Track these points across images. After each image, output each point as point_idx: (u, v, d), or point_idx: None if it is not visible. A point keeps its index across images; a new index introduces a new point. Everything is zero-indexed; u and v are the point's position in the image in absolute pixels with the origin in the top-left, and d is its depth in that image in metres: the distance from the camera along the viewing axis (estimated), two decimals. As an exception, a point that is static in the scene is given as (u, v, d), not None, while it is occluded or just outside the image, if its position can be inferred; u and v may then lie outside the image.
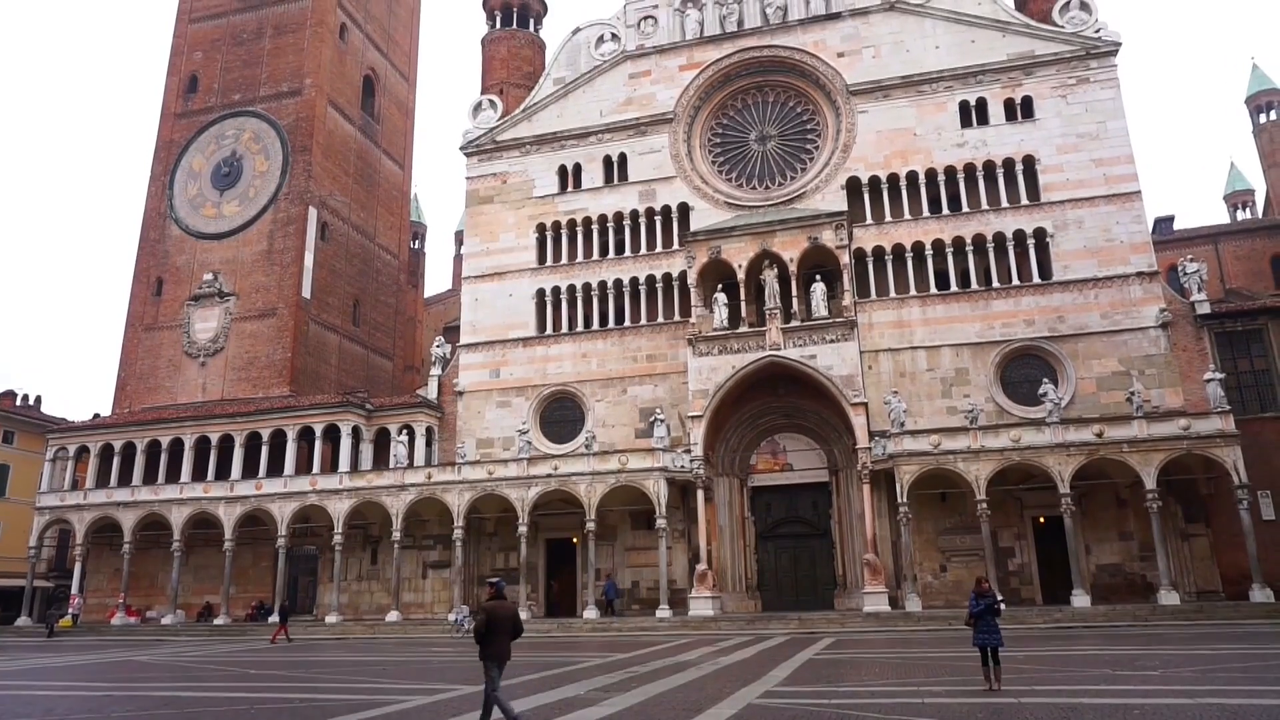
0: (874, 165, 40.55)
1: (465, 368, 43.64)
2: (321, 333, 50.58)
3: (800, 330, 36.32)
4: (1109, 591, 33.38)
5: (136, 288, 52.01)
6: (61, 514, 44.27)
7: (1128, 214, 37.28)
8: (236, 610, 41.93)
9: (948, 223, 39.11)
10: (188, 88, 55.18)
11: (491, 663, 11.00)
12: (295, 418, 42.36)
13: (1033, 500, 34.83)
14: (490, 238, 45.01)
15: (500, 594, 11.56)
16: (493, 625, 11.06)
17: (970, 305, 37.93)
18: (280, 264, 49.25)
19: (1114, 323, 36.26)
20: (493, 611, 11.15)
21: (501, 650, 11.11)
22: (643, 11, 45.91)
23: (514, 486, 37.72)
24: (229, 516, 41.17)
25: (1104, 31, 39.30)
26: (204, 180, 52.33)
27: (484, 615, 11.13)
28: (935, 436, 34.01)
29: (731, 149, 43.78)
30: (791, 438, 39.08)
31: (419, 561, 41.40)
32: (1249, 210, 69.38)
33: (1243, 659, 17.72)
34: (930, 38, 41.45)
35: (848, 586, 36.34)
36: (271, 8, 54.89)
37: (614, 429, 40.49)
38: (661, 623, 33.66)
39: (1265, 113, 66.04)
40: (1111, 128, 38.22)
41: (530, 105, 46.28)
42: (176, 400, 48.23)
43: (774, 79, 43.73)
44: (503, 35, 50.22)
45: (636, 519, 38.71)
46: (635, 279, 42.26)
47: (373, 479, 40.22)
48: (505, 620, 11.18)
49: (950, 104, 40.48)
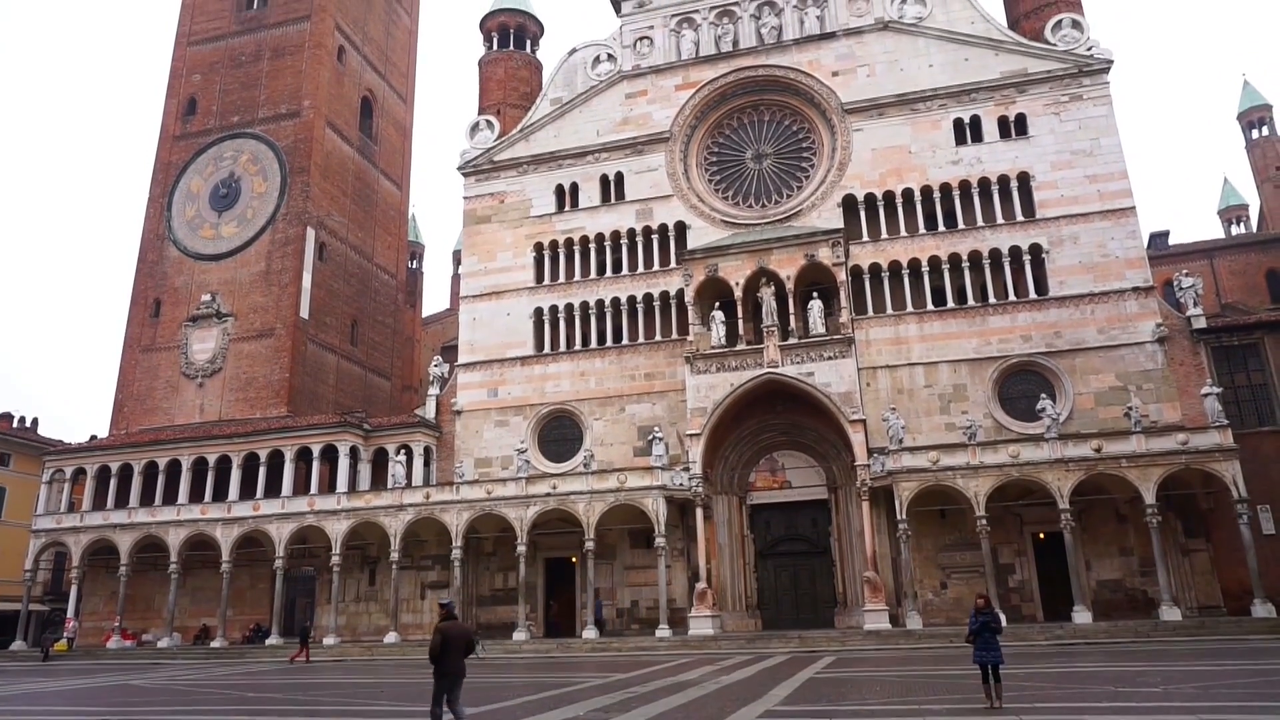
0: (870, 183, 40.76)
1: (463, 387, 43.63)
2: (319, 353, 50.59)
3: (798, 348, 36.38)
4: (1110, 607, 33.25)
5: (134, 309, 52.06)
6: (58, 536, 44.06)
7: (1122, 229, 37.45)
8: (233, 633, 41.67)
9: (944, 239, 39.27)
10: (186, 110, 55.46)
11: (445, 680, 11.87)
12: (293, 438, 42.28)
13: (1032, 516, 34.76)
14: (488, 257, 45.13)
15: (452, 614, 12.56)
16: (447, 644, 11.93)
17: (967, 321, 38.02)
18: (278, 284, 49.33)
19: (1111, 338, 36.34)
20: (446, 631, 12.03)
21: (456, 667, 12.00)
22: (639, 32, 46.29)
23: (512, 506, 37.61)
24: (226, 538, 41.00)
25: (1096, 50, 39.64)
26: (202, 202, 52.49)
27: (439, 635, 12.01)
28: (934, 453, 33.98)
29: (728, 167, 44.01)
30: (790, 455, 39.04)
31: (417, 582, 41.19)
32: (1243, 225, 69.80)
33: (1245, 675, 17.64)
34: (924, 56, 41.79)
35: (848, 604, 36.19)
36: (270, 30, 55.28)
37: (612, 447, 40.43)
38: (661, 642, 33.47)
39: (1257, 128, 66.63)
40: (1105, 144, 38.46)
41: (527, 125, 46.54)
42: (174, 421, 48.15)
43: (769, 98, 44.04)
44: (500, 57, 50.58)
45: (635, 538, 38.58)
46: (633, 297, 42.35)
47: (371, 499, 40.10)
48: (459, 639, 12.09)
49: (945, 122, 40.75)
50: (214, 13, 57.07)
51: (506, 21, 51.10)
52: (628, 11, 46.77)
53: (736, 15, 45.04)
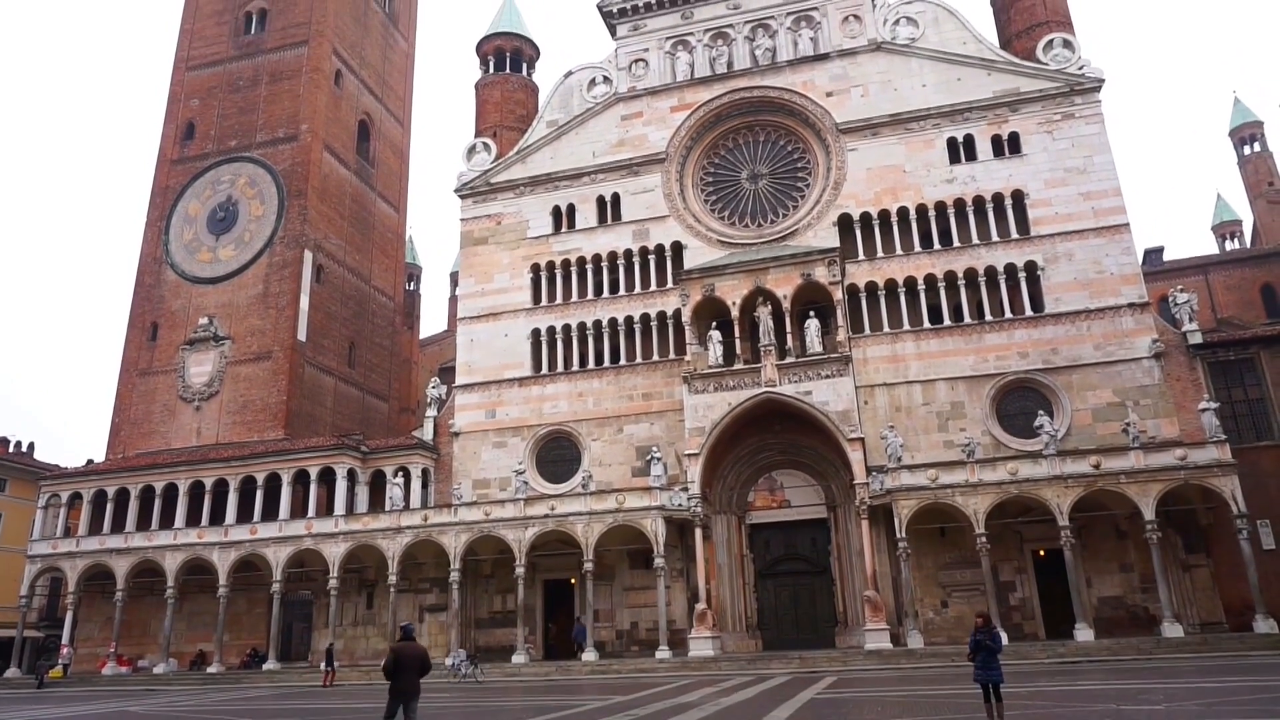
0: (865, 202, 40.96)
1: (461, 408, 43.58)
2: (317, 375, 50.55)
3: (795, 366, 36.41)
4: (1112, 624, 33.08)
5: (131, 333, 52.04)
6: (53, 562, 43.80)
7: (1117, 246, 37.61)
8: (230, 658, 41.34)
9: (939, 257, 39.42)
10: (184, 134, 55.72)
11: (398, 699, 12.58)
12: (290, 461, 42.16)
13: (1032, 533, 34.67)
14: (485, 278, 45.23)
15: (409, 636, 13.34)
16: (400, 664, 12.67)
17: (964, 339, 38.09)
18: (276, 307, 49.37)
19: (1107, 354, 36.40)
20: (401, 651, 12.84)
21: (409, 686, 12.70)
22: (634, 55, 46.67)
23: (511, 527, 37.46)
24: (223, 562, 40.77)
25: (1087, 69, 39.98)
26: (200, 225, 52.62)
27: (392, 655, 12.81)
28: (932, 471, 33.93)
29: (724, 187, 44.23)
30: (789, 474, 38.96)
31: (415, 605, 40.93)
32: (1237, 240, 70.13)
33: (1248, 691, 17.54)
34: (917, 76, 42.14)
35: (849, 624, 35.99)
36: (268, 55, 55.65)
37: (611, 468, 40.34)
38: (661, 664, 33.25)
39: (1249, 144, 67.12)
40: (1098, 162, 38.71)
41: (524, 147, 46.79)
42: (171, 445, 48.01)
43: (764, 118, 44.34)
44: (496, 80, 50.91)
45: (634, 558, 38.41)
46: (630, 318, 42.41)
47: (368, 522, 39.92)
48: (413, 659, 12.79)
49: (938, 140, 41.01)
50: (212, 38, 57.50)
51: (503, 45, 51.50)
52: (623, 34, 47.18)
53: (730, 37, 45.44)
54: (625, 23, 47.19)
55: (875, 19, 43.45)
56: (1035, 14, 42.42)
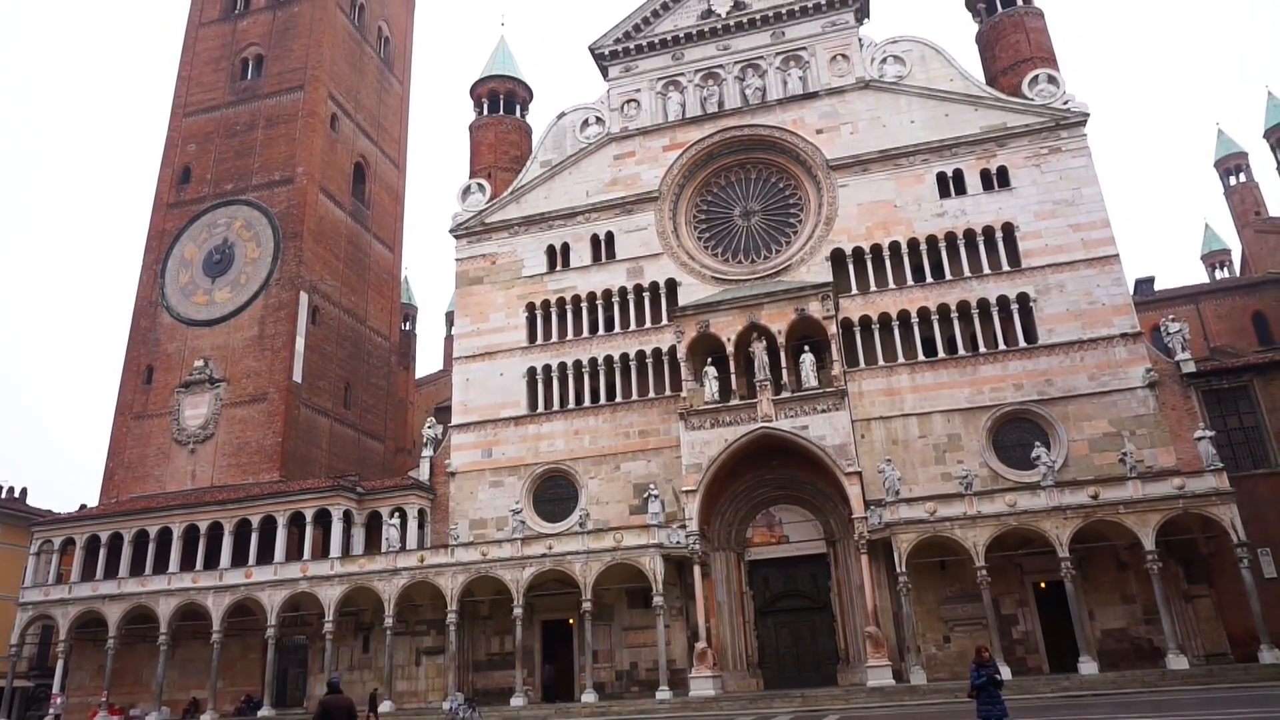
0: (857, 237, 41.30)
1: (457, 448, 43.43)
2: (312, 417, 50.41)
3: (791, 401, 36.43)
4: (1116, 657, 32.78)
5: (126, 376, 51.91)
6: (45, 609, 43.16)
7: (1108, 277, 37.89)
8: (224, 705, 40.65)
9: (932, 290, 39.66)
10: (181, 178, 56.08)
11: None
12: (285, 504, 41.84)
13: (1032, 565, 34.45)
14: (480, 318, 45.34)
15: (336, 689, 14.45)
16: (330, 716, 13.69)
17: (959, 371, 38.20)
18: (271, 349, 49.37)
19: (1102, 384, 36.50)
20: (329, 704, 13.85)
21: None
22: (625, 95, 47.30)
23: (508, 567, 37.15)
24: (218, 607, 40.26)
25: (1072, 103, 40.58)
26: (195, 268, 52.76)
27: (321, 707, 13.92)
28: (931, 504, 33.81)
29: (717, 225, 44.59)
30: (787, 509, 38.78)
31: (412, 648, 40.42)
32: (1226, 269, 70.73)
33: (1255, 724, 17.34)
34: (905, 113, 42.72)
35: (850, 660, 35.61)
36: (264, 100, 56.25)
37: (608, 506, 40.13)
38: (662, 704, 32.81)
39: (1234, 175, 67.93)
40: (1086, 194, 39.13)
41: (518, 187, 47.21)
42: (165, 489, 47.67)
43: (756, 156, 44.83)
44: (490, 121, 51.50)
45: (633, 597, 38.06)
46: (625, 355, 42.46)
47: (365, 564, 39.55)
48: (340, 712, 13.72)
49: (928, 175, 41.47)
50: (209, 84, 58.14)
51: (496, 88, 52.16)
52: (615, 75, 47.85)
53: (721, 77, 46.12)
54: (617, 64, 47.90)
55: (863, 58, 44.16)
56: (1020, 51, 43.13)
